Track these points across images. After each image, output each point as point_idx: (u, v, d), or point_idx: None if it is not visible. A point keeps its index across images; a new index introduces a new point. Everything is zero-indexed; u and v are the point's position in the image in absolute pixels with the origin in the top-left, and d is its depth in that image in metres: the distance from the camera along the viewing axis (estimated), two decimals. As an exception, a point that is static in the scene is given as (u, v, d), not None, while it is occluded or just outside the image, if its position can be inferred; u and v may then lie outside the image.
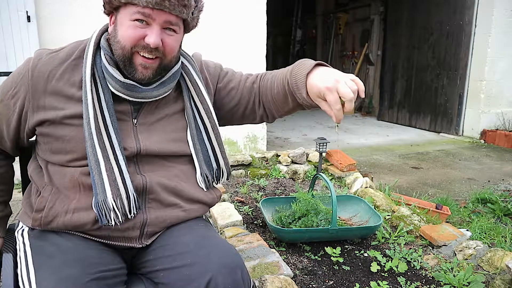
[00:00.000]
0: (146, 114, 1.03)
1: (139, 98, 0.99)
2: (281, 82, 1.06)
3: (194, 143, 1.09)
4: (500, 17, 5.05)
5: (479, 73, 5.24)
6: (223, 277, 0.91)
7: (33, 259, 0.92)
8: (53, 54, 0.99)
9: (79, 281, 0.84)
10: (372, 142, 5.16)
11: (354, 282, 1.68)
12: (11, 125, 1.00)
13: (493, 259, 1.74)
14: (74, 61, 0.99)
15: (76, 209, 0.97)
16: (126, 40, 0.93)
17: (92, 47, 0.98)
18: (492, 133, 5.15)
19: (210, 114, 1.11)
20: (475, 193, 3.08)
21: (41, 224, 0.97)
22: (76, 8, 3.50)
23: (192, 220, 1.10)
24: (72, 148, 0.96)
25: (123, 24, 0.94)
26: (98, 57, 0.99)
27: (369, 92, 7.70)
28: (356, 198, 2.33)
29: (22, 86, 0.96)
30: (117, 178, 0.96)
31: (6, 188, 1.14)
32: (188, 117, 1.09)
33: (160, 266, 1.00)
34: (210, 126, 1.12)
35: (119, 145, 0.97)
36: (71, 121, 0.96)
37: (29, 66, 0.97)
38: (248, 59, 3.99)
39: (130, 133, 1.01)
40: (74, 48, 1.01)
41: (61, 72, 0.97)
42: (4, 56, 3.40)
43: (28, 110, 0.97)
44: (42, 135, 0.98)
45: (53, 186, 0.99)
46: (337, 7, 8.52)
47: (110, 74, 0.96)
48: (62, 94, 0.96)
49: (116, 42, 0.95)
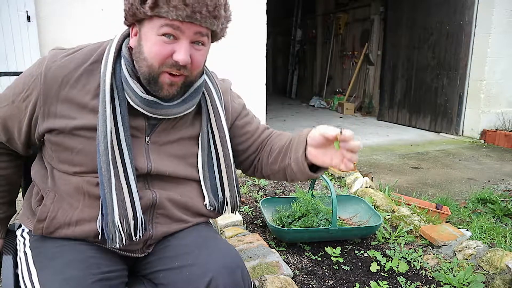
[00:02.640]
0: (160, 133, 0.98)
1: (158, 114, 0.93)
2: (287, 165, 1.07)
3: (203, 170, 1.05)
4: (500, 17, 5.05)
5: (479, 73, 5.24)
6: (223, 278, 0.90)
7: (34, 260, 0.92)
8: (68, 57, 0.92)
9: (84, 282, 0.83)
10: (372, 142, 5.16)
11: (354, 282, 1.68)
12: (22, 129, 0.95)
13: (493, 259, 1.74)
14: (91, 65, 0.92)
15: (79, 221, 0.94)
16: (154, 58, 0.86)
17: (113, 55, 0.91)
18: (492, 133, 5.15)
19: (225, 142, 1.06)
20: (475, 193, 3.08)
21: (42, 233, 0.96)
22: (76, 8, 3.51)
23: None
24: (79, 161, 0.92)
25: (149, 40, 0.86)
26: (118, 65, 0.91)
27: (369, 92, 7.70)
28: (356, 198, 2.33)
29: (34, 90, 0.91)
30: (126, 198, 0.91)
31: (13, 188, 1.10)
32: (202, 142, 1.04)
33: (160, 267, 1.00)
34: (222, 155, 1.07)
35: (131, 163, 0.92)
36: (81, 133, 0.90)
37: (42, 68, 0.90)
38: (248, 59, 3.99)
39: (141, 151, 0.96)
40: (92, 50, 0.94)
41: (76, 77, 0.90)
42: (4, 56, 3.40)
43: (38, 115, 0.92)
44: (50, 143, 0.93)
45: (56, 192, 0.95)
46: (337, 7, 8.52)
47: (130, 88, 0.90)
48: (75, 102, 0.90)
49: (142, 59, 0.88)
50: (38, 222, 0.95)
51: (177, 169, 1.00)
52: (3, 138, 0.99)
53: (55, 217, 0.94)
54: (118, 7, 4.15)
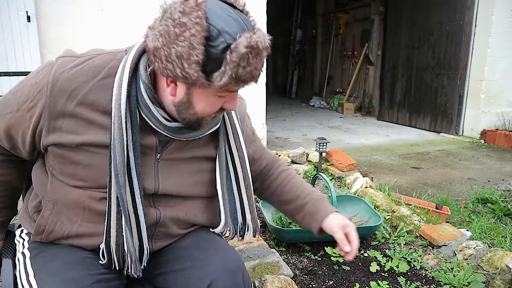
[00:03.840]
0: (172, 150, 0.94)
1: (180, 137, 0.91)
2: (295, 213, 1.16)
3: (223, 192, 1.02)
4: (500, 17, 5.05)
5: (479, 73, 5.24)
6: (224, 281, 0.89)
7: (32, 261, 0.91)
8: (78, 68, 0.85)
9: (82, 283, 0.82)
10: (372, 142, 5.16)
11: (354, 282, 1.68)
12: (26, 139, 0.91)
13: (493, 259, 1.74)
14: (101, 81, 0.86)
15: (78, 236, 0.92)
16: (207, 112, 0.85)
17: (127, 76, 0.83)
18: (492, 133, 5.15)
19: (244, 163, 1.04)
20: (475, 193, 3.08)
21: (41, 241, 0.95)
22: (75, 8, 3.50)
23: None
24: (84, 175, 0.88)
25: (203, 100, 0.82)
26: (133, 87, 0.85)
27: (369, 92, 7.70)
28: (356, 198, 2.33)
29: (39, 101, 0.85)
30: (133, 229, 0.89)
31: (15, 193, 1.07)
32: (220, 162, 1.01)
33: (160, 269, 0.99)
34: (242, 176, 1.04)
35: (140, 193, 0.89)
36: (88, 148, 0.86)
37: (49, 78, 0.84)
38: (248, 59, 3.99)
39: (150, 170, 0.92)
40: (103, 63, 0.87)
41: (84, 92, 0.84)
42: (4, 56, 3.40)
43: (43, 128, 0.87)
44: (55, 155, 0.89)
45: (55, 203, 0.92)
46: (337, 7, 8.52)
47: (153, 115, 0.86)
48: (82, 117, 0.85)
49: (192, 114, 0.84)
50: (35, 234, 0.93)
51: (185, 188, 0.97)
52: (7, 145, 0.96)
53: (53, 231, 0.92)
54: (117, 7, 4.17)
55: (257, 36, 0.74)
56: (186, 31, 0.72)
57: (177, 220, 0.99)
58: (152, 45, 0.77)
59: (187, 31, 0.72)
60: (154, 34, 0.76)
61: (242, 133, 1.05)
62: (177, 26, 0.73)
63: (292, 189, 1.16)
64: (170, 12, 0.75)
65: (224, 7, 0.76)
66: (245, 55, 0.73)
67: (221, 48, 0.73)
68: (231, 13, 0.76)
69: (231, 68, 0.73)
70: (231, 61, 0.73)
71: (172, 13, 0.74)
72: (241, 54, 0.72)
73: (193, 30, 0.71)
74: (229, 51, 0.72)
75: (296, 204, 1.14)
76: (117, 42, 3.49)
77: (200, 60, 0.73)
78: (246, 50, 0.72)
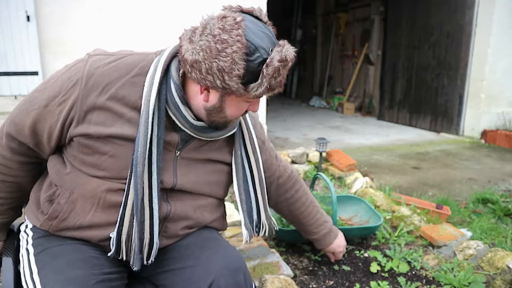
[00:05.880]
0: (191, 149, 1.00)
1: (203, 136, 0.98)
2: (304, 230, 1.52)
3: (240, 193, 1.08)
4: (501, 16, 5.05)
5: (480, 73, 5.23)
6: (226, 280, 0.90)
7: (36, 258, 0.91)
8: (112, 65, 0.91)
9: (86, 282, 0.83)
10: (372, 142, 5.16)
11: (354, 282, 1.68)
12: (53, 134, 0.93)
13: (494, 259, 1.74)
14: (133, 78, 0.91)
15: (89, 226, 0.94)
16: (235, 116, 0.95)
17: (159, 75, 0.89)
18: (493, 133, 5.14)
19: (259, 165, 1.11)
20: (475, 193, 3.08)
21: (49, 230, 0.96)
22: (75, 8, 3.50)
23: None
24: (107, 166, 0.92)
25: (235, 105, 0.91)
26: (164, 86, 0.91)
27: (369, 92, 7.70)
28: (356, 198, 2.32)
29: (72, 94, 0.89)
30: (146, 221, 0.92)
31: (23, 195, 1.07)
32: (236, 165, 1.07)
33: (161, 268, 0.99)
34: (257, 178, 1.11)
35: (158, 187, 0.93)
36: (115, 140, 0.91)
37: (83, 73, 0.89)
38: (248, 59, 3.98)
39: (169, 166, 0.97)
40: (135, 62, 0.93)
41: (117, 87, 0.90)
42: (4, 56, 3.40)
43: (73, 119, 0.90)
44: (80, 145, 0.92)
45: (72, 191, 0.94)
46: (337, 7, 8.52)
47: (181, 114, 0.93)
48: (112, 111, 0.90)
49: (222, 117, 0.93)
50: (48, 219, 0.95)
51: (200, 187, 1.03)
52: (31, 142, 0.96)
53: (66, 219, 0.94)
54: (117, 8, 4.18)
55: (286, 50, 0.84)
56: (228, 47, 0.80)
57: (185, 217, 1.01)
58: (191, 58, 0.83)
59: (229, 47, 0.80)
60: (194, 48, 0.83)
61: (256, 137, 1.13)
62: (218, 42, 0.80)
63: (308, 216, 1.40)
64: (210, 28, 0.81)
65: (256, 23, 0.85)
66: (277, 68, 0.82)
67: (257, 62, 0.82)
68: (263, 28, 0.85)
69: (267, 80, 0.83)
70: (267, 74, 0.82)
71: (212, 29, 0.81)
72: (275, 67, 0.82)
73: (235, 47, 0.80)
74: (266, 65, 0.82)
75: (307, 229, 1.46)
76: (116, 42, 3.49)
77: (241, 74, 0.82)
78: (279, 64, 0.82)
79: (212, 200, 1.08)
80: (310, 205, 1.36)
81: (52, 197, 0.96)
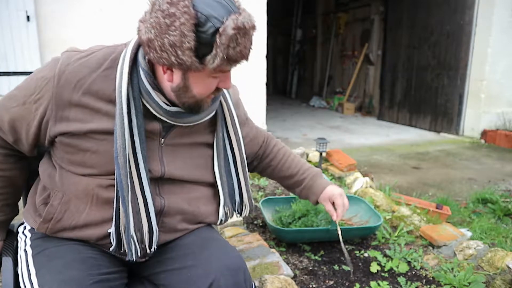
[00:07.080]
0: (175, 136, 0.99)
1: (180, 122, 0.95)
2: (293, 183, 1.33)
3: (221, 175, 1.07)
4: (501, 16, 5.05)
5: (480, 73, 5.23)
6: (225, 279, 0.90)
7: (34, 260, 0.91)
8: (82, 61, 0.90)
9: (83, 283, 0.83)
10: (372, 142, 5.16)
11: (354, 282, 1.68)
12: (30, 130, 0.94)
13: (494, 259, 1.74)
14: (105, 71, 0.90)
15: (85, 225, 0.93)
16: (204, 94, 0.90)
17: (128, 64, 0.88)
18: (493, 133, 5.14)
19: (240, 146, 1.10)
20: (475, 193, 3.08)
21: (46, 232, 0.96)
22: (75, 8, 3.51)
23: None
24: (92, 162, 0.91)
25: (200, 82, 0.87)
26: (135, 75, 0.90)
27: (369, 92, 7.70)
28: (356, 198, 2.32)
29: (46, 93, 0.89)
30: (141, 210, 0.92)
31: (16, 190, 1.08)
32: (217, 147, 1.06)
33: (161, 268, 0.99)
34: (239, 159, 1.10)
35: (146, 175, 0.92)
36: (95, 136, 0.90)
37: (55, 71, 0.89)
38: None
39: (155, 154, 0.96)
40: (105, 55, 0.92)
41: (89, 83, 0.89)
42: (4, 55, 3.40)
43: (49, 119, 0.90)
44: (63, 144, 0.92)
45: (64, 193, 0.94)
46: (337, 7, 8.52)
47: (153, 100, 0.91)
48: (88, 106, 0.89)
49: (190, 97, 0.89)
50: (43, 222, 0.95)
51: (189, 172, 1.01)
52: (10, 138, 0.97)
53: (61, 220, 0.94)
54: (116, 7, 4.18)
55: (243, 17, 0.79)
56: (176, 20, 0.76)
57: (181, 211, 1.00)
58: (145, 37, 0.81)
59: (177, 20, 0.76)
60: (146, 27, 0.81)
61: (237, 118, 1.11)
62: (167, 16, 0.77)
63: (291, 166, 1.31)
64: (159, 4, 0.79)
65: None
66: (233, 36, 0.78)
67: (210, 32, 0.77)
68: None
69: (222, 50, 0.78)
70: (221, 44, 0.78)
71: (160, 5, 0.79)
72: (229, 36, 0.78)
73: (182, 19, 0.76)
74: (218, 34, 0.77)
75: (295, 179, 1.31)
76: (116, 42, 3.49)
77: (192, 46, 0.78)
78: (234, 31, 0.78)
79: (204, 189, 1.06)
80: (291, 154, 1.33)
81: (47, 200, 0.97)
